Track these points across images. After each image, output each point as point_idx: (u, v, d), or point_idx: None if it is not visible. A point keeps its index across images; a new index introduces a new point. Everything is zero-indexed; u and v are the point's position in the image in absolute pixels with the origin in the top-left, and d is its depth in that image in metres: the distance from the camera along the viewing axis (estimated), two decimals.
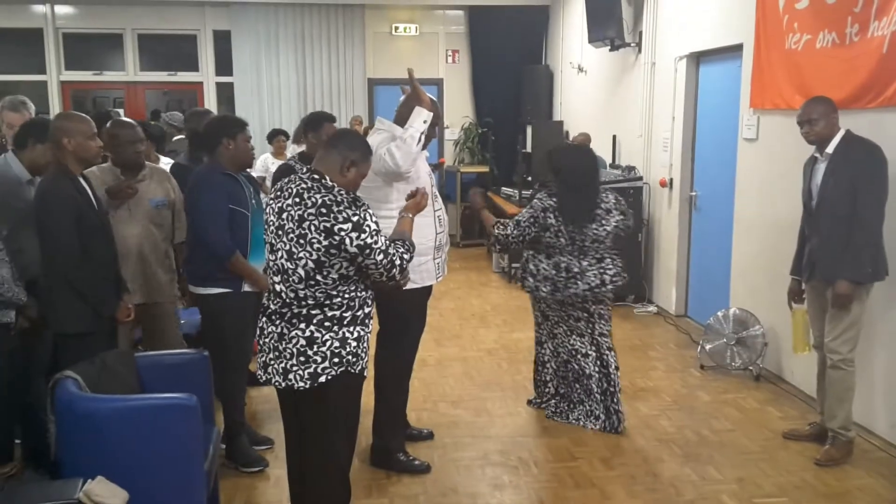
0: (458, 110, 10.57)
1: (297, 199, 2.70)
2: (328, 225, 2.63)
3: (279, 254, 2.74)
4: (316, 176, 2.74)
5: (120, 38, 10.02)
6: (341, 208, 2.65)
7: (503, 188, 9.11)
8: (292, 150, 7.61)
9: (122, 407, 2.80)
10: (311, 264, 2.67)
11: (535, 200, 4.21)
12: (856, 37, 4.15)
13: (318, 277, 2.69)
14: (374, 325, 2.99)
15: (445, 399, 4.76)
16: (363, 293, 2.80)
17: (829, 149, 3.76)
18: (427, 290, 3.77)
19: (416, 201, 3.13)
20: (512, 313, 6.82)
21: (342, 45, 10.18)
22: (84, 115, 3.51)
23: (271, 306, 2.81)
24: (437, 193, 3.75)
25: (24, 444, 3.69)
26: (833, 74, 4.33)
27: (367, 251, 2.66)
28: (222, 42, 10.09)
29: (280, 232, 2.74)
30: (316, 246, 2.65)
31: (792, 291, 4.13)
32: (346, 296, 2.74)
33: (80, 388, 2.80)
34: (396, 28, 10.42)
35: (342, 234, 2.62)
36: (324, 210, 2.64)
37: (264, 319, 2.85)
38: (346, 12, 10.08)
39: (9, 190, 3.52)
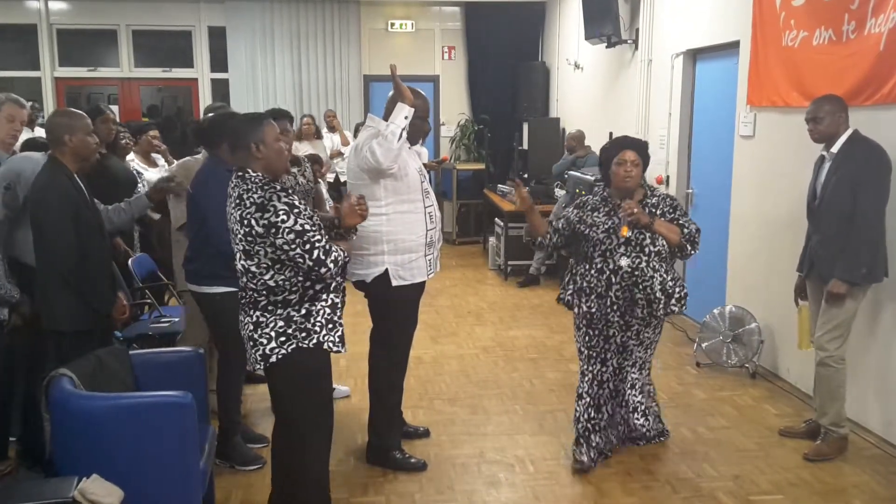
0: (455, 107, 10.56)
1: (229, 198, 2.84)
2: (241, 213, 2.73)
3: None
4: (240, 172, 2.81)
5: (114, 34, 9.98)
6: (250, 194, 2.73)
7: (499, 185, 9.09)
8: None
9: (117, 405, 2.79)
10: (242, 256, 2.78)
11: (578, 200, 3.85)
12: (852, 34, 4.15)
13: (253, 268, 2.77)
14: (369, 322, 2.97)
15: (441, 397, 4.75)
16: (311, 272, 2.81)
17: (835, 148, 3.76)
18: (419, 287, 3.75)
19: (347, 208, 3.00)
20: (508, 311, 6.81)
21: (338, 42, 10.15)
22: (81, 111, 3.50)
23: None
24: (430, 190, 3.73)
25: (19, 442, 3.68)
26: (830, 72, 4.32)
27: (275, 230, 2.68)
28: (217, 38, 10.06)
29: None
30: (239, 236, 2.75)
31: (798, 288, 4.14)
32: (289, 280, 2.78)
33: (75, 386, 2.79)
34: (392, 24, 10.41)
35: (248, 216, 2.70)
36: (239, 201, 2.75)
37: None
38: (341, 8, 10.06)
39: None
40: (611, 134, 7.81)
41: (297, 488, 3.02)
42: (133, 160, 5.48)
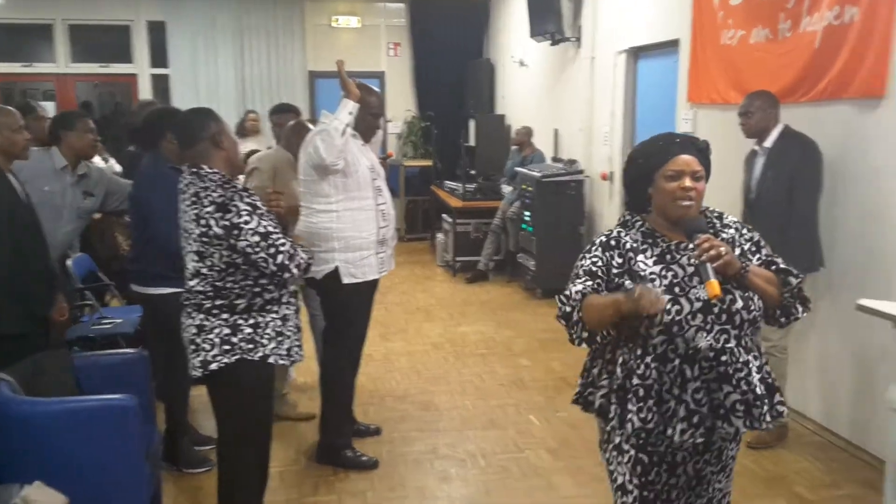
0: (401, 104, 10.54)
1: (180, 196, 2.73)
2: (197, 212, 2.61)
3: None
4: (194, 169, 2.70)
5: (50, 29, 9.67)
6: (208, 192, 2.62)
7: (446, 182, 9.12)
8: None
9: (59, 409, 2.70)
10: (195, 256, 2.67)
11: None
12: (788, 32, 4.27)
13: (204, 270, 2.66)
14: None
15: (392, 394, 4.75)
16: (263, 280, 2.71)
17: (768, 143, 3.89)
18: (371, 285, 3.75)
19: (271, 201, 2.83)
20: (457, 307, 6.84)
21: (281, 37, 10.04)
22: (10, 108, 3.39)
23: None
24: (382, 187, 3.72)
25: None
26: (767, 69, 4.44)
27: (236, 232, 2.58)
28: (157, 33, 9.83)
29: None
30: (194, 236, 2.64)
31: None
32: (239, 285, 2.68)
33: (13, 391, 2.70)
34: (337, 20, 10.33)
35: (207, 216, 2.59)
36: (195, 199, 2.64)
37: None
38: (285, 4, 9.95)
39: None
40: (555, 131, 7.92)
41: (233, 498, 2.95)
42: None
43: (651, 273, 2.02)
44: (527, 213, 7.24)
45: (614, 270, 2.07)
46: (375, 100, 3.70)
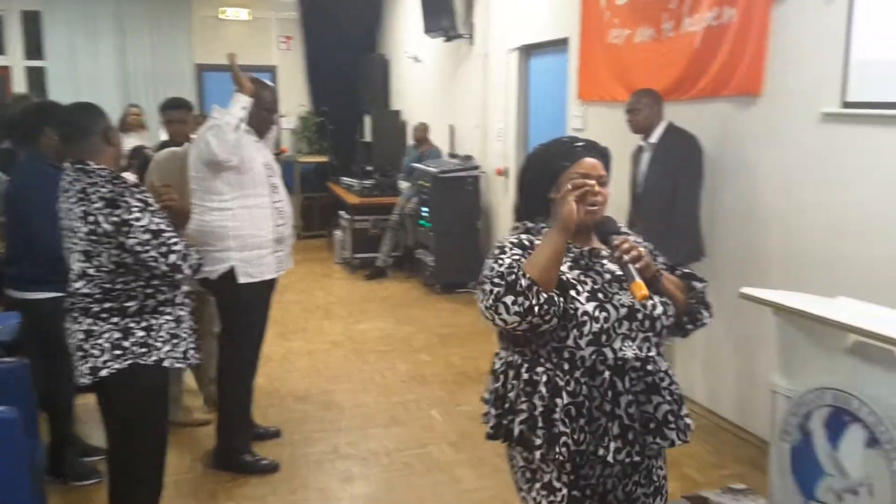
0: (294, 98, 10.36)
1: (63, 194, 2.59)
2: (85, 209, 2.49)
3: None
4: (78, 165, 2.58)
5: None
6: (96, 188, 2.50)
7: (343, 178, 9.03)
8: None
9: None
10: (81, 257, 2.53)
11: None
12: (671, 32, 4.46)
13: (91, 271, 2.53)
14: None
15: (292, 394, 4.67)
16: (155, 280, 2.61)
17: (653, 138, 4.06)
18: (268, 285, 3.67)
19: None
20: (356, 304, 6.79)
21: (166, 30, 9.71)
22: None
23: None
24: (278, 185, 3.65)
25: None
26: (651, 68, 4.62)
27: (126, 228, 2.48)
28: (32, 24, 9.30)
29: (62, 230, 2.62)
30: (80, 235, 2.51)
31: None
32: (129, 286, 2.57)
33: None
34: (225, 12, 10.06)
35: (95, 213, 2.48)
36: (82, 196, 2.51)
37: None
38: None
39: None
40: (451, 127, 7.98)
41: None
42: None
43: (571, 278, 1.85)
44: (424, 209, 7.27)
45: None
46: (269, 95, 3.63)
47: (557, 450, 1.81)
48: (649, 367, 1.87)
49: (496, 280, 1.76)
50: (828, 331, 2.27)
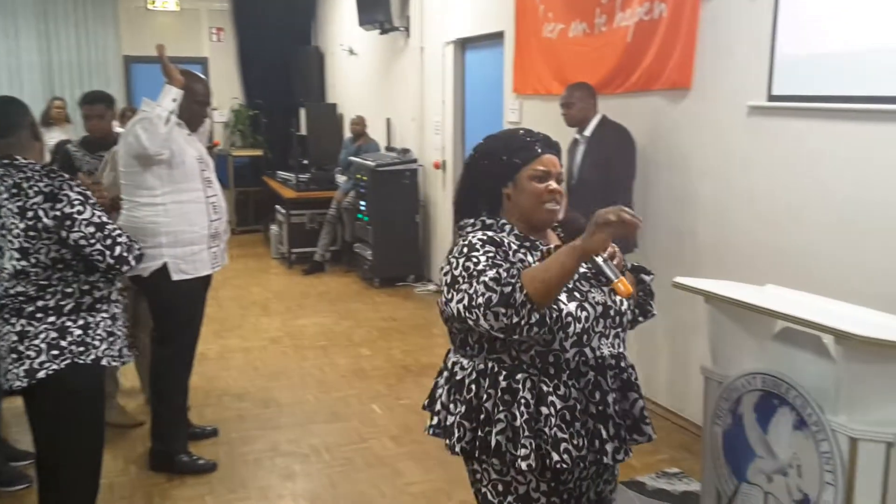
0: (227, 91, 10.15)
1: None
2: (21, 204, 2.41)
3: None
4: (6, 161, 2.50)
5: None
6: (32, 182, 2.43)
7: (279, 172, 8.91)
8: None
9: None
10: (15, 255, 2.44)
11: None
12: (604, 27, 4.53)
13: (28, 269, 2.45)
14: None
15: (229, 392, 4.59)
16: (92, 277, 2.55)
17: (587, 131, 4.12)
18: (203, 281, 3.60)
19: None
20: (294, 299, 6.72)
21: (92, 21, 9.40)
22: None
23: None
24: (212, 179, 3.58)
25: None
26: (585, 62, 4.68)
27: (69, 223, 2.42)
28: None
29: None
30: (16, 232, 2.43)
31: None
32: (66, 283, 2.50)
33: None
34: (153, 2, 9.80)
35: (35, 207, 2.40)
36: (16, 191, 2.43)
37: None
38: None
39: None
40: (388, 120, 7.95)
41: None
42: None
43: None
44: (362, 203, 7.23)
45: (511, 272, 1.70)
46: (201, 87, 3.55)
47: (559, 457, 1.72)
48: (622, 364, 1.86)
49: (490, 284, 1.63)
50: (757, 318, 2.34)
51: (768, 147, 3.51)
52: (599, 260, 1.69)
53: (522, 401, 1.74)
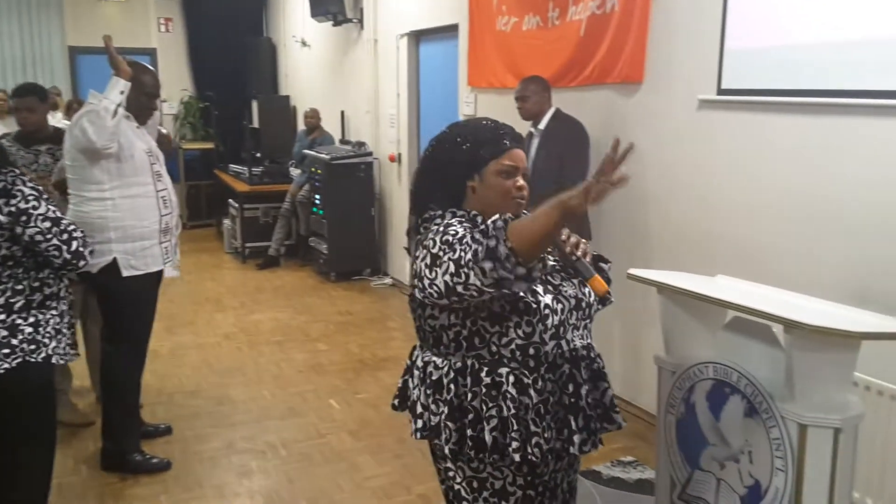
0: (176, 83, 9.95)
1: None
2: None
3: None
4: None
5: None
6: None
7: (231, 165, 8.78)
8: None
9: None
10: None
11: None
12: (557, 20, 4.55)
13: None
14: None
15: (182, 390, 4.52)
16: (41, 274, 2.52)
17: (542, 125, 4.15)
18: (154, 277, 3.54)
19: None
20: (249, 294, 6.64)
21: (36, 11, 9.14)
22: None
23: None
24: (162, 173, 3.51)
25: None
26: (539, 55, 4.71)
27: (25, 218, 2.38)
28: None
29: None
30: None
31: None
32: (16, 279, 2.46)
33: None
34: None
35: None
36: None
37: None
38: None
39: None
40: (342, 112, 7.89)
41: None
42: None
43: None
44: (317, 197, 7.17)
45: None
46: (150, 79, 3.48)
47: (530, 450, 1.71)
48: (592, 355, 1.87)
49: (476, 238, 1.55)
50: (708, 308, 2.39)
51: (718, 140, 3.58)
52: (578, 255, 1.72)
53: (508, 395, 1.72)
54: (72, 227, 2.49)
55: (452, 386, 1.77)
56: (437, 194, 1.83)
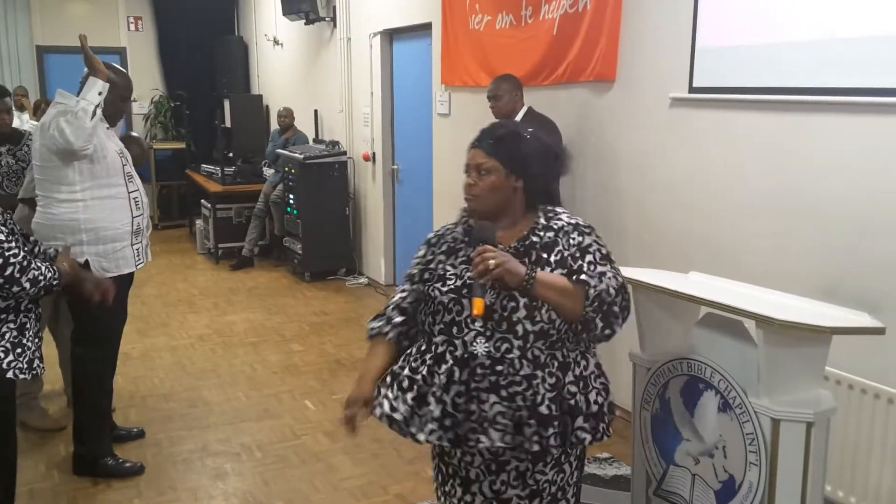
0: (146, 82, 9.83)
1: None
2: None
3: None
4: None
5: None
6: None
7: (203, 165, 8.69)
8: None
9: None
10: None
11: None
12: (530, 19, 4.56)
13: None
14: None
15: (155, 393, 4.47)
16: None
17: None
18: (126, 279, 3.49)
19: None
20: (223, 295, 6.58)
21: (2, 9, 9.01)
22: None
23: None
24: (134, 174, 3.47)
25: None
26: (512, 54, 4.71)
27: None
28: None
29: None
30: None
31: None
32: None
33: None
34: None
35: None
36: None
37: None
38: None
39: None
40: (315, 112, 7.85)
41: None
42: None
43: (451, 271, 1.96)
44: (291, 196, 7.13)
45: (419, 270, 2.08)
46: (123, 81, 3.45)
47: (378, 407, 1.97)
48: (499, 368, 1.85)
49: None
50: (681, 304, 2.41)
51: (690, 138, 3.61)
52: (471, 275, 1.88)
53: (412, 372, 1.97)
54: (12, 251, 2.40)
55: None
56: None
